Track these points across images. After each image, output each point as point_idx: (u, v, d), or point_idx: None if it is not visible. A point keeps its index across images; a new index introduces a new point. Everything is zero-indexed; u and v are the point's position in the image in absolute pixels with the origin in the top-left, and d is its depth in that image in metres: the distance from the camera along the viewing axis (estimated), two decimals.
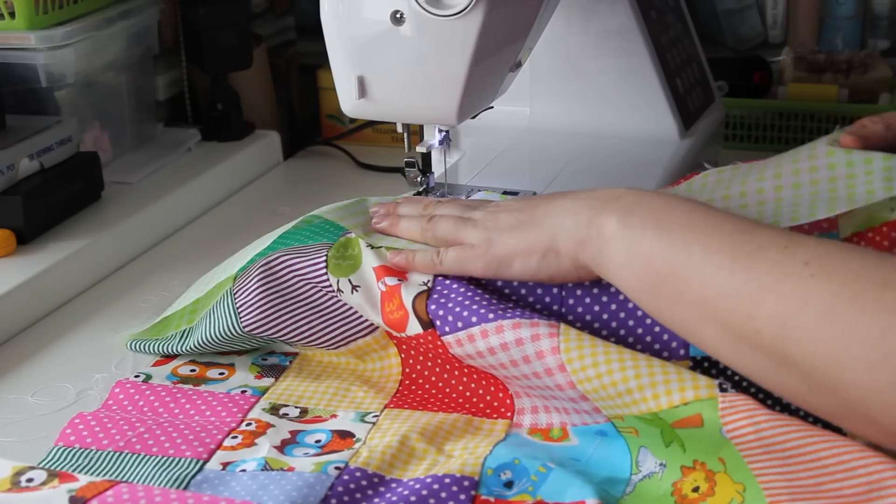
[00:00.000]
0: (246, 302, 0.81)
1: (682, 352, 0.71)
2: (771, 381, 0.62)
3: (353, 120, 1.37)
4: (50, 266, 0.96)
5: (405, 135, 0.87)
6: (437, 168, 0.91)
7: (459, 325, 0.74)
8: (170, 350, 0.84)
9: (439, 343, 0.75)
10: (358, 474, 0.67)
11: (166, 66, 1.33)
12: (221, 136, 1.32)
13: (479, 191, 0.92)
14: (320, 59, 1.14)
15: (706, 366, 0.71)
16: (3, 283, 0.92)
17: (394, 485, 0.67)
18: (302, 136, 1.51)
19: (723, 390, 0.65)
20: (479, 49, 0.78)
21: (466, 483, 0.66)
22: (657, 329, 0.72)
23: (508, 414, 0.76)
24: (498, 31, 0.80)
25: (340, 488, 0.66)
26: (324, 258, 0.80)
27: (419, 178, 0.89)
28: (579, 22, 1.04)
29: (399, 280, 0.78)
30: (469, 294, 0.75)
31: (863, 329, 0.56)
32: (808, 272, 0.59)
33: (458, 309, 0.74)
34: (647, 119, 1.04)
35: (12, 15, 1.07)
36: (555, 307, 0.75)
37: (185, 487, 0.67)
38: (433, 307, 0.75)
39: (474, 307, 0.73)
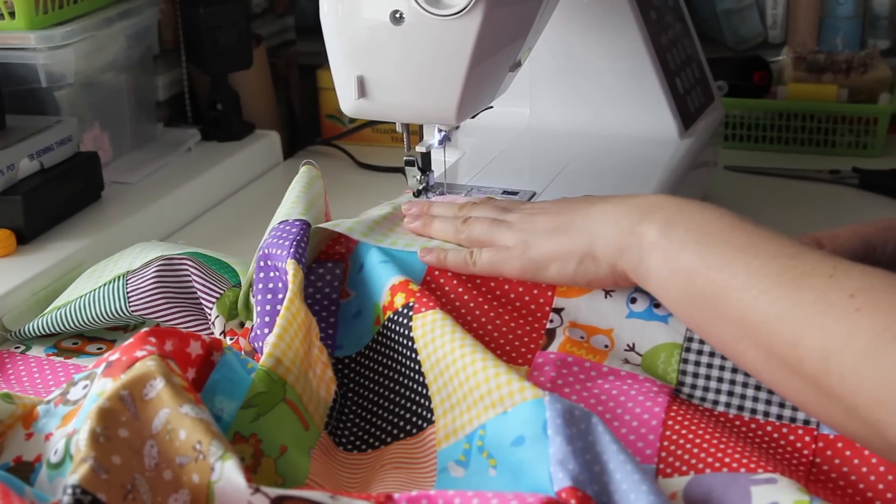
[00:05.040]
0: (138, 287, 0.85)
1: None
2: (811, 407, 0.62)
3: (352, 120, 1.38)
4: (50, 266, 0.96)
5: (405, 135, 0.87)
6: (437, 168, 0.91)
7: (267, 330, 0.75)
8: (44, 325, 0.87)
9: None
10: None
11: (166, 66, 1.33)
12: (221, 136, 1.32)
13: (479, 191, 0.92)
14: (320, 59, 1.14)
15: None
16: (3, 283, 0.92)
17: None
18: (302, 136, 1.52)
19: None
20: (478, 49, 0.78)
21: None
22: None
23: None
24: (498, 30, 0.80)
25: None
26: (221, 290, 0.82)
27: (419, 178, 0.89)
28: (579, 22, 1.04)
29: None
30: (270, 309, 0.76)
31: None
32: (853, 306, 0.57)
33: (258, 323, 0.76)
34: (647, 119, 1.04)
35: (12, 15, 1.07)
36: None
37: None
38: (251, 335, 0.77)
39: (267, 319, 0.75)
